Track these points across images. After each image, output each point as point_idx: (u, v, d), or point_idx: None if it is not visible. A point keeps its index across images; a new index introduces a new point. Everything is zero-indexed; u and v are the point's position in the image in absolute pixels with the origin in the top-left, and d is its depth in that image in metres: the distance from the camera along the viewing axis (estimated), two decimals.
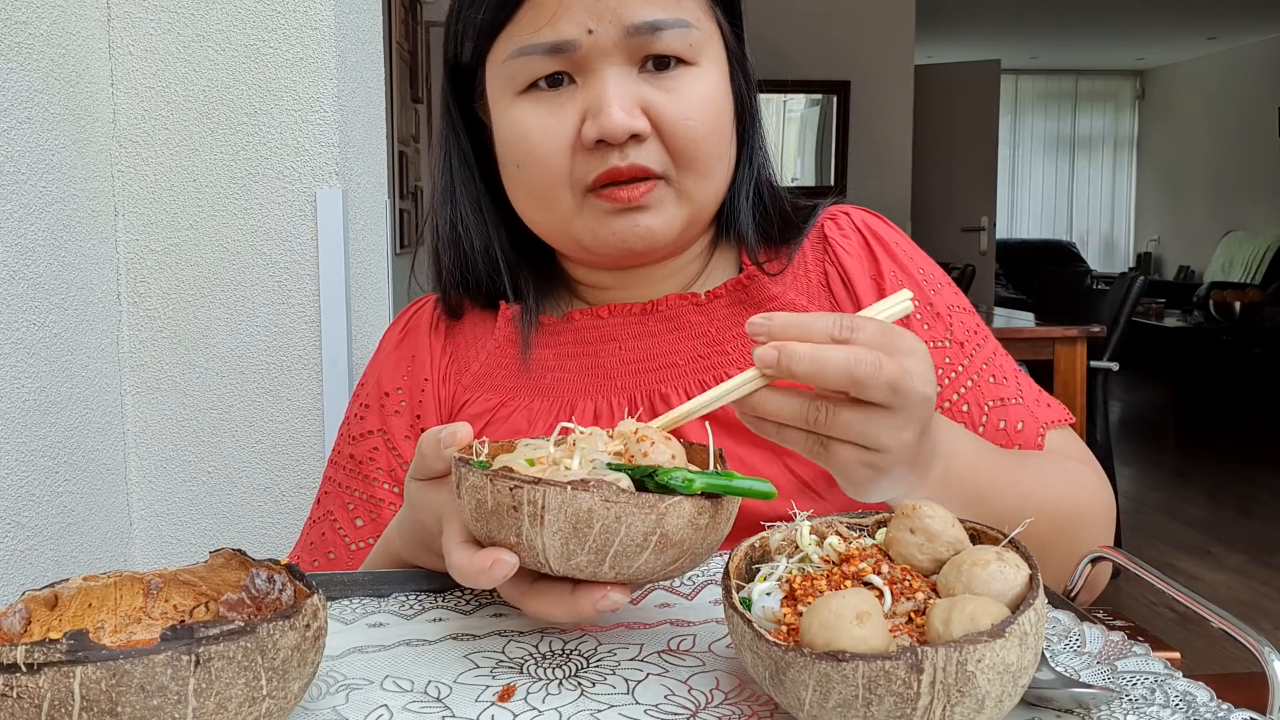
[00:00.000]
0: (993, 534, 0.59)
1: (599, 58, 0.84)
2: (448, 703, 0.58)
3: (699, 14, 0.87)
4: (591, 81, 0.85)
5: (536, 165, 0.87)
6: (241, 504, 1.61)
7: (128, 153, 1.55)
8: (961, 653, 0.47)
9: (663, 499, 0.57)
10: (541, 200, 0.89)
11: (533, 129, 0.86)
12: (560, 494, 0.56)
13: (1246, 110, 9.72)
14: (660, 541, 0.58)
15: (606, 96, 0.83)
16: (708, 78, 0.87)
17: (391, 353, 1.00)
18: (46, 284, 1.37)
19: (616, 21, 0.83)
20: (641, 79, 0.85)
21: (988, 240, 7.14)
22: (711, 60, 0.88)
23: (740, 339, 0.93)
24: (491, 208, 0.96)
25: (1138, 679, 0.56)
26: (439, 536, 0.69)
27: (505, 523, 0.58)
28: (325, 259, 1.56)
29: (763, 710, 0.56)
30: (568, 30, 0.83)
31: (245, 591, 0.61)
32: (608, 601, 0.60)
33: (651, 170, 0.85)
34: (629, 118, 0.83)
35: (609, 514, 0.56)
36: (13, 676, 0.47)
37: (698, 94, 0.86)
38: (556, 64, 0.85)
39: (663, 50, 0.85)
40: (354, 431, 0.99)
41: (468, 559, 0.61)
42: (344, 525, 0.95)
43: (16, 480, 1.30)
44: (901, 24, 6.47)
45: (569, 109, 0.85)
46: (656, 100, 0.85)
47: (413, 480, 0.73)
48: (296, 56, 1.54)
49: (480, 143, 0.96)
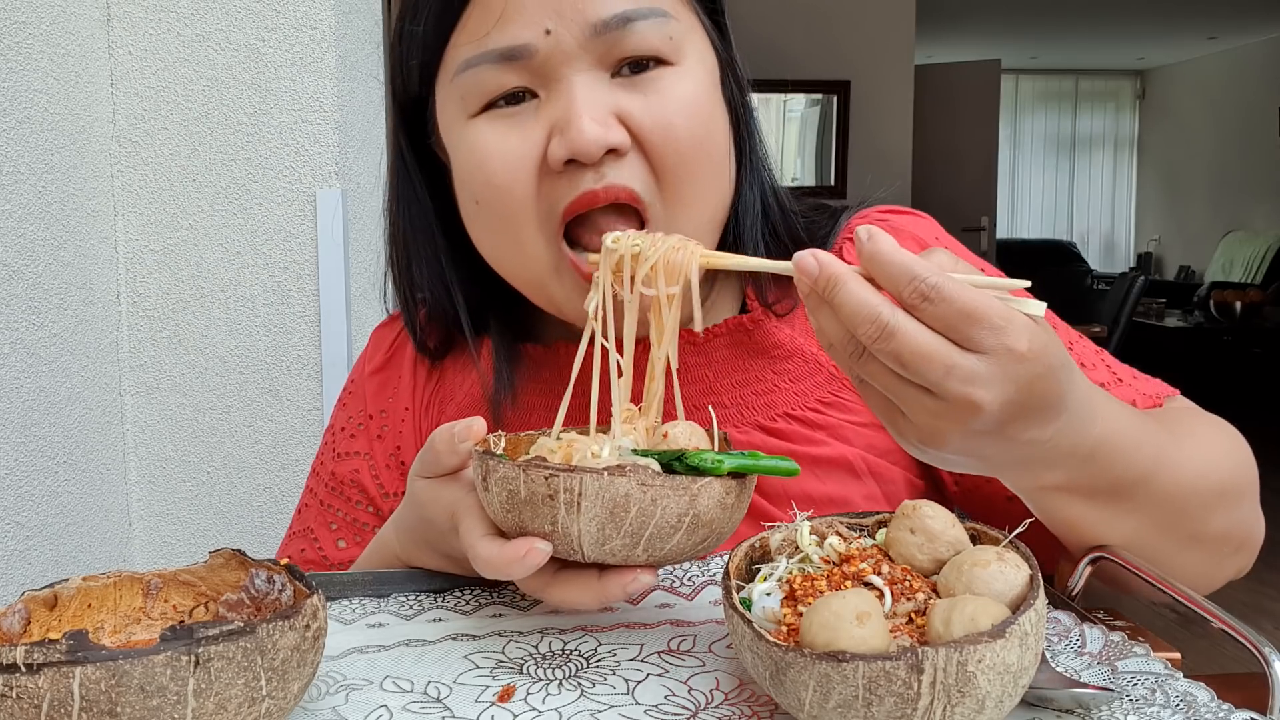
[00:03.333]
0: (993, 534, 0.59)
1: (562, 63, 0.72)
2: (448, 703, 0.58)
3: (675, 3, 0.76)
4: (556, 92, 0.73)
5: (497, 196, 0.74)
6: (241, 504, 1.61)
7: (127, 153, 1.55)
8: (962, 653, 0.47)
9: (695, 480, 0.59)
10: (507, 241, 0.77)
11: (491, 154, 0.74)
12: (597, 480, 0.57)
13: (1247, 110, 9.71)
14: (693, 522, 0.59)
15: (575, 106, 0.71)
16: (692, 76, 0.75)
17: (381, 368, 0.95)
18: (46, 284, 1.36)
19: (579, 17, 0.71)
20: (615, 84, 0.73)
21: (988, 240, 7.14)
22: (696, 58, 0.76)
23: (739, 388, 0.84)
24: (452, 260, 0.85)
25: (1138, 679, 0.56)
26: (449, 534, 0.69)
27: (540, 512, 0.59)
28: (325, 259, 1.56)
29: (763, 710, 0.56)
30: (521, 33, 0.71)
31: (245, 592, 0.61)
32: (638, 584, 0.61)
33: (633, 192, 0.73)
34: (603, 129, 0.71)
35: (645, 497, 0.58)
36: (12, 677, 0.47)
37: (681, 95, 0.74)
38: (513, 75, 0.73)
39: (637, 48, 0.73)
40: (341, 448, 0.94)
41: (497, 550, 0.61)
42: (325, 545, 0.92)
43: (16, 480, 1.30)
44: (901, 24, 6.46)
45: (532, 127, 0.73)
46: (634, 106, 0.73)
47: (419, 479, 0.71)
48: (296, 56, 1.54)
49: (438, 185, 0.84)
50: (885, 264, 0.53)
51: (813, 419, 0.83)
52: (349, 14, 1.62)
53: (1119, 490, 0.65)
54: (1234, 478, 0.76)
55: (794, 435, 0.83)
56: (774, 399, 0.84)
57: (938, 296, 0.52)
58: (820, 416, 0.83)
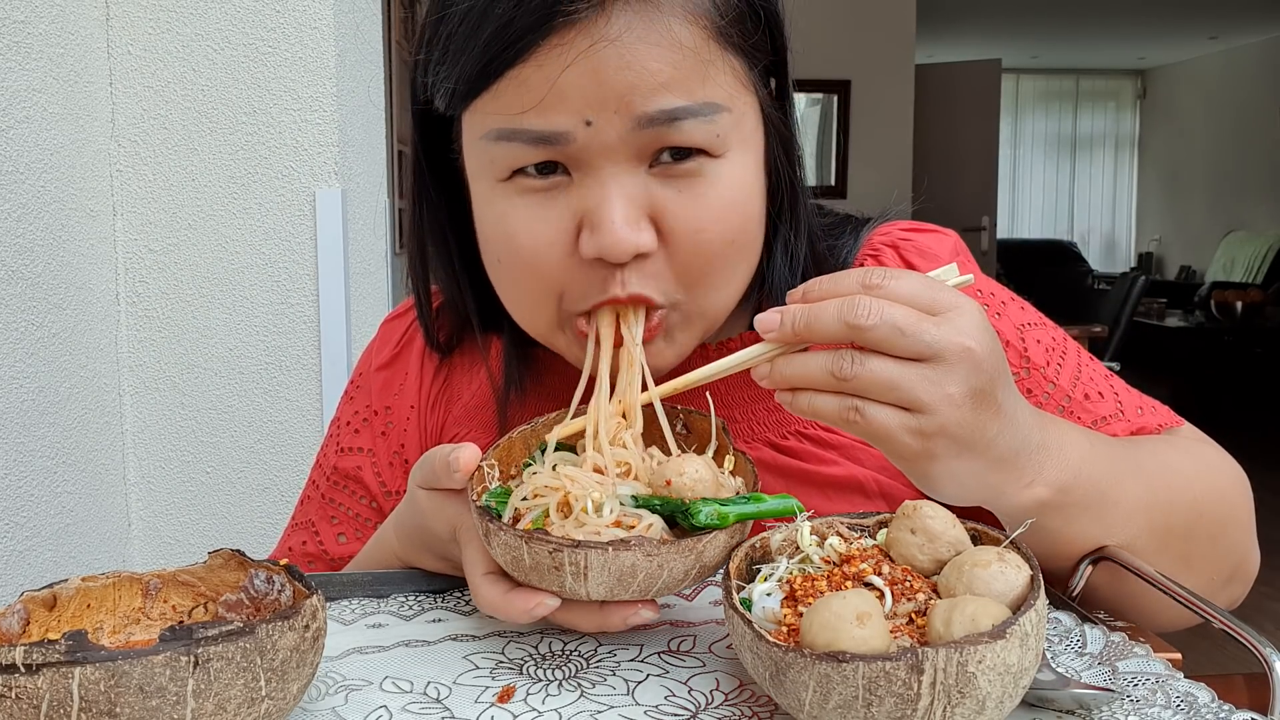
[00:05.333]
0: (993, 535, 0.58)
1: (599, 154, 0.68)
2: (447, 704, 0.58)
3: (731, 90, 0.70)
4: (590, 181, 0.69)
5: (523, 272, 0.73)
6: (240, 504, 1.61)
7: (126, 152, 1.55)
8: (962, 654, 0.47)
9: (699, 539, 0.59)
10: (524, 306, 0.76)
11: (519, 230, 0.71)
12: (602, 554, 0.57)
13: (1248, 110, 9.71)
14: (699, 572, 0.60)
15: (608, 207, 0.68)
16: (734, 172, 0.71)
17: (388, 364, 0.94)
18: (45, 284, 1.36)
19: (625, 111, 0.66)
20: (652, 176, 0.69)
21: (988, 240, 7.14)
22: (743, 144, 0.72)
23: (750, 404, 0.83)
24: (464, 264, 0.84)
25: (1139, 680, 0.56)
26: (450, 544, 0.69)
27: (546, 577, 0.59)
28: (324, 259, 1.56)
29: (763, 711, 0.56)
30: (560, 121, 0.67)
31: (244, 592, 0.61)
32: (639, 618, 0.62)
33: (654, 300, 0.71)
34: (634, 233, 0.68)
35: (652, 564, 0.58)
36: (11, 677, 0.46)
37: (721, 194, 0.70)
38: (546, 154, 0.69)
39: (680, 144, 0.68)
40: (344, 443, 0.94)
41: (500, 597, 0.62)
42: (325, 539, 0.92)
43: (15, 480, 1.30)
44: (902, 23, 6.46)
45: (562, 209, 0.70)
46: (668, 206, 0.69)
47: (420, 488, 0.71)
48: (296, 56, 1.54)
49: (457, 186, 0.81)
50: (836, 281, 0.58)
51: (825, 438, 0.83)
52: (349, 14, 1.61)
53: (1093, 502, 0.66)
54: (1223, 503, 0.76)
55: (805, 454, 0.82)
56: (786, 416, 0.83)
57: (891, 277, 0.57)
58: (832, 436, 0.83)
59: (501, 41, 0.67)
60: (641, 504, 0.62)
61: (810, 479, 0.81)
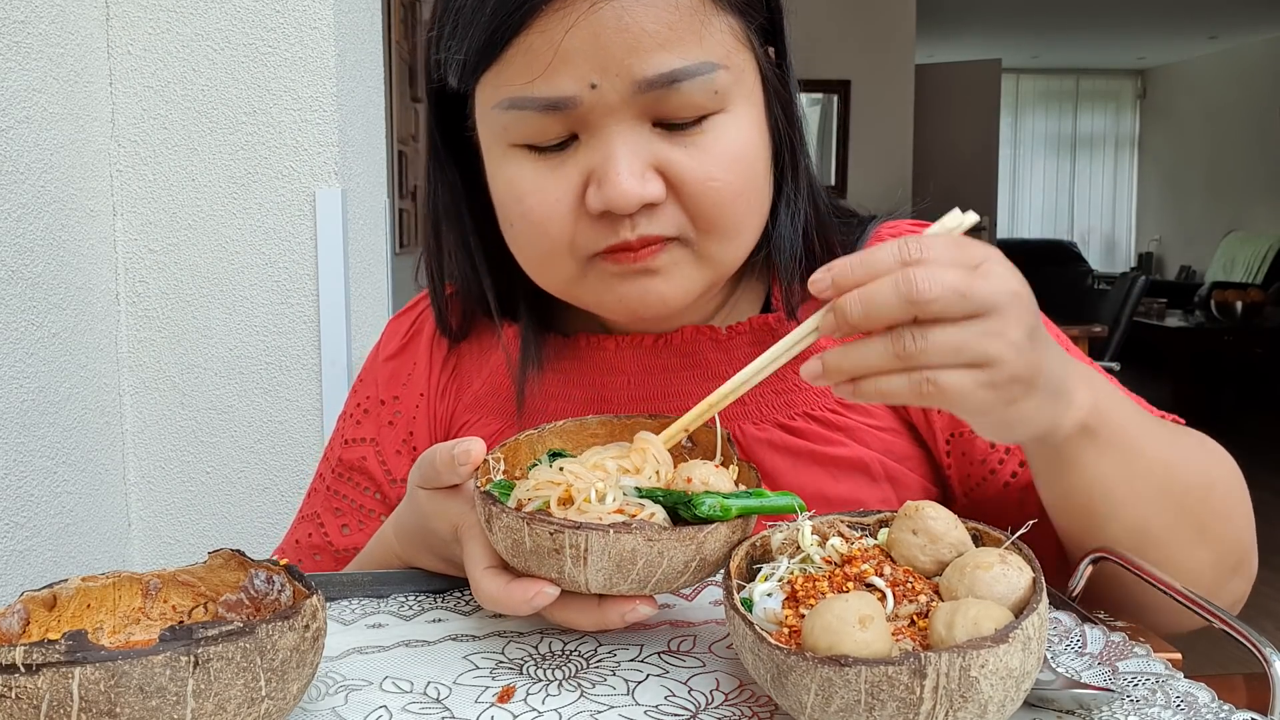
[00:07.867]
0: (995, 535, 0.58)
1: (604, 114, 0.71)
2: (447, 704, 0.58)
3: (728, 48, 0.73)
4: (596, 140, 0.72)
5: (534, 231, 0.76)
6: (240, 504, 1.61)
7: (126, 152, 1.55)
8: (965, 658, 0.46)
9: (700, 529, 0.59)
10: (540, 264, 0.79)
11: (528, 191, 0.75)
12: (603, 537, 0.57)
13: (1248, 110, 9.71)
14: (699, 565, 0.60)
15: (613, 160, 0.71)
16: (738, 124, 0.74)
17: (395, 355, 0.96)
18: (45, 284, 1.36)
19: (625, 74, 0.70)
20: (656, 134, 0.73)
21: (988, 240, 7.14)
22: (744, 100, 0.75)
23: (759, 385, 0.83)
24: (481, 246, 0.87)
25: (1139, 680, 0.56)
26: (451, 543, 0.69)
27: (545, 561, 0.59)
28: (324, 259, 1.56)
29: (763, 712, 0.56)
30: (566, 85, 0.70)
31: (244, 592, 0.61)
32: (636, 614, 0.61)
33: (666, 236, 0.74)
34: (640, 185, 0.71)
35: (652, 550, 0.58)
36: (11, 677, 0.46)
37: (726, 148, 0.73)
38: (555, 123, 0.72)
39: (681, 106, 0.72)
40: (349, 434, 0.95)
41: (501, 588, 0.62)
42: (330, 530, 0.93)
43: (15, 480, 1.30)
44: (902, 23, 6.47)
45: (570, 169, 0.74)
46: (675, 159, 0.73)
47: (421, 488, 0.71)
48: (296, 56, 1.54)
49: (471, 167, 0.84)
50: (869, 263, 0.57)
51: (832, 420, 0.83)
52: (349, 14, 1.61)
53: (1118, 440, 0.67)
54: (1231, 490, 0.76)
55: (813, 435, 0.83)
56: (794, 398, 0.84)
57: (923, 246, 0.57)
58: (839, 418, 0.83)
59: (506, 8, 0.71)
60: (645, 494, 0.62)
61: (817, 459, 0.82)
